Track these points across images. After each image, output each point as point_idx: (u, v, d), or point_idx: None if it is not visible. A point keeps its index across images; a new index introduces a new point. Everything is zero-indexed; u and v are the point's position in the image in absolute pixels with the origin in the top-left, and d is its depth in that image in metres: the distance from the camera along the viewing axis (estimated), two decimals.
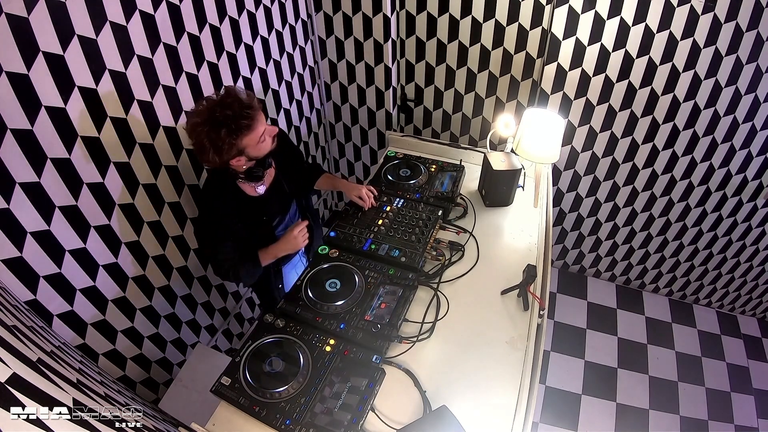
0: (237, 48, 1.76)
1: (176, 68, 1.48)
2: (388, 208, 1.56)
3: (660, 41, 1.82)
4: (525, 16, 1.95)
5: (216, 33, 1.63)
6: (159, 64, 1.41)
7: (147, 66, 1.36)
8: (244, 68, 1.84)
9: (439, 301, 1.29)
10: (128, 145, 1.37)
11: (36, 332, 0.99)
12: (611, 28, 1.83)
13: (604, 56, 1.92)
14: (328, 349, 1.13)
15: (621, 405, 2.35)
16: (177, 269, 1.73)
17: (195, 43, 1.54)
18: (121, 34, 1.25)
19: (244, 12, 1.76)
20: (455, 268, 1.40)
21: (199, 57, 1.57)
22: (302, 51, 2.26)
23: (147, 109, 1.41)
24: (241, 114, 1.13)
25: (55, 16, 1.06)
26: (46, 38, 1.06)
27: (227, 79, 1.75)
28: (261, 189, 1.42)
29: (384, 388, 1.07)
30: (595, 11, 1.81)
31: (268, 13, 1.91)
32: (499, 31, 2.04)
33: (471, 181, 1.77)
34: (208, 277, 1.94)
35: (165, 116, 1.49)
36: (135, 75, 1.33)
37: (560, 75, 2.03)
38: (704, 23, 1.73)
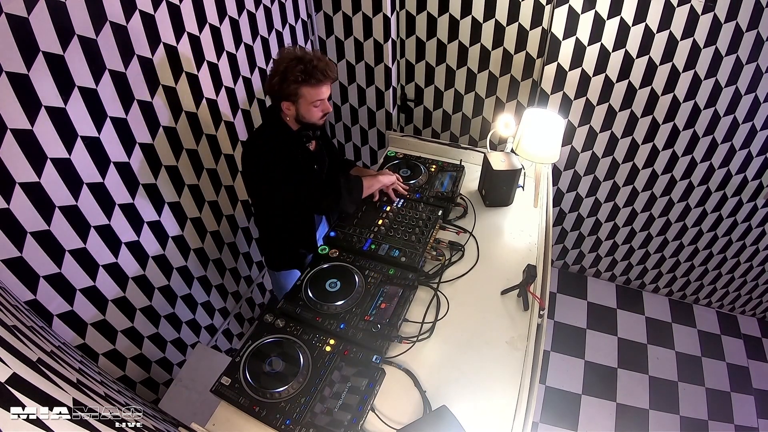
0: (237, 48, 1.76)
1: (176, 68, 1.48)
2: (388, 208, 1.56)
3: (660, 41, 1.82)
4: (525, 16, 1.95)
5: (216, 33, 1.63)
6: (159, 64, 1.41)
7: (147, 66, 1.36)
8: (244, 68, 1.84)
9: (439, 301, 1.29)
10: (128, 145, 1.37)
11: (36, 332, 0.99)
12: (611, 28, 1.83)
13: (604, 56, 1.92)
14: (328, 349, 1.13)
15: (621, 405, 2.35)
16: (177, 269, 1.73)
17: (195, 43, 1.54)
18: (121, 34, 1.25)
19: (244, 12, 1.76)
20: (455, 268, 1.40)
21: (199, 57, 1.57)
22: None
23: (147, 109, 1.41)
24: (322, 69, 1.27)
25: (55, 16, 1.06)
26: (46, 38, 1.06)
27: (227, 79, 1.75)
28: None
29: (384, 388, 1.07)
30: (595, 11, 1.81)
31: (268, 13, 1.91)
32: (499, 31, 2.04)
33: (471, 181, 1.77)
34: (208, 277, 1.94)
35: (165, 116, 1.49)
36: (135, 75, 1.33)
37: (560, 75, 2.03)
38: (704, 23, 1.73)
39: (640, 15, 1.77)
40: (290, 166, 1.36)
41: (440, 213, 1.53)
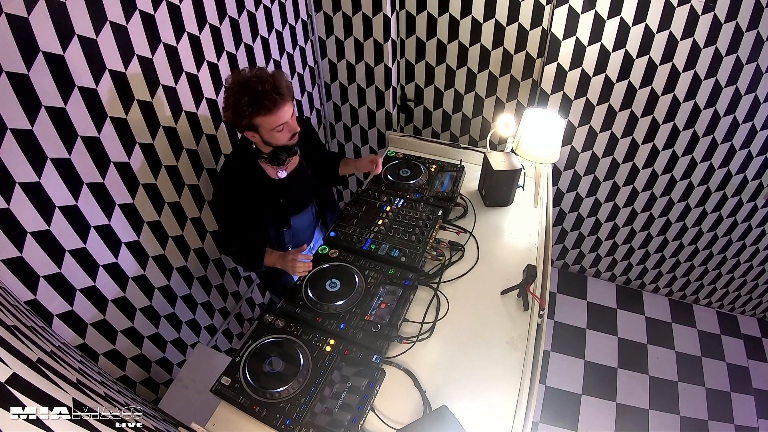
0: (237, 48, 1.76)
1: (176, 68, 1.48)
2: (388, 208, 1.56)
3: (660, 41, 1.82)
4: (525, 16, 1.95)
5: (216, 33, 1.63)
6: (159, 64, 1.41)
7: (147, 66, 1.36)
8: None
9: (439, 301, 1.29)
10: (128, 145, 1.37)
11: (36, 332, 0.99)
12: (611, 28, 1.83)
13: (604, 56, 1.92)
14: (328, 349, 1.13)
15: (621, 405, 2.35)
16: (177, 269, 1.73)
17: (195, 43, 1.54)
18: (121, 34, 1.25)
19: (244, 12, 1.76)
20: (455, 268, 1.40)
21: (199, 57, 1.57)
22: (302, 51, 2.26)
23: (147, 109, 1.41)
24: (269, 95, 1.15)
25: (55, 16, 1.06)
26: (46, 38, 1.05)
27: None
28: (282, 174, 1.43)
29: (384, 388, 1.07)
30: (595, 11, 1.81)
31: (268, 13, 1.91)
32: (499, 31, 2.04)
33: (471, 181, 1.77)
34: (208, 277, 1.94)
35: (165, 116, 1.49)
36: (135, 75, 1.33)
37: (560, 75, 2.03)
38: (704, 23, 1.73)
39: (640, 15, 1.77)
40: (231, 210, 1.37)
41: (440, 213, 1.52)
